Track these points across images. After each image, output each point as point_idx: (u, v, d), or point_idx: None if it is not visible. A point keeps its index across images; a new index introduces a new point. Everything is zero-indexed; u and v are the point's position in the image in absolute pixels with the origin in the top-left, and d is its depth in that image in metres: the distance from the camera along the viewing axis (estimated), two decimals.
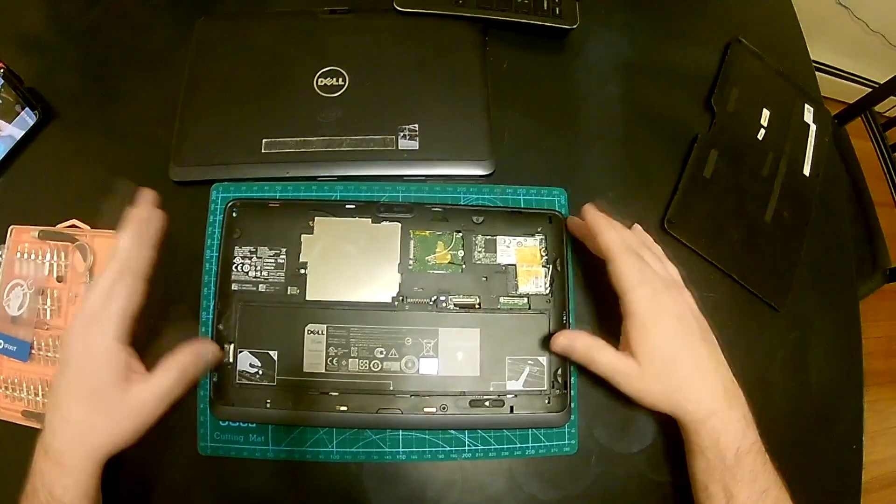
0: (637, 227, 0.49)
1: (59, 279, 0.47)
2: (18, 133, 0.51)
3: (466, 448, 0.44)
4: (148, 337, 0.42)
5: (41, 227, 0.47)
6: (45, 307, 0.46)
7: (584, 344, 0.42)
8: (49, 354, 0.45)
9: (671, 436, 0.46)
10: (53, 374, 0.38)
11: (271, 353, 0.44)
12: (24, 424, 0.44)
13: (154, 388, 0.37)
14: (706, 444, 0.39)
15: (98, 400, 0.35)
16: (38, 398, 0.45)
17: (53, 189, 0.51)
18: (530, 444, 0.44)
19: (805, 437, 0.49)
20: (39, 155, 0.52)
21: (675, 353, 0.40)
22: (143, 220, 0.39)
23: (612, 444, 0.46)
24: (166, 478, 0.44)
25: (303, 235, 0.46)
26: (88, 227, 0.47)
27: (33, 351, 0.45)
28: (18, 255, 0.47)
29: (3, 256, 0.47)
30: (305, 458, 0.44)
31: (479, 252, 0.46)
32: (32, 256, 0.47)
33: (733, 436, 0.39)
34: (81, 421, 0.35)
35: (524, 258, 0.47)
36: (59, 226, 0.47)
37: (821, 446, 0.50)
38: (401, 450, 0.44)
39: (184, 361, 0.39)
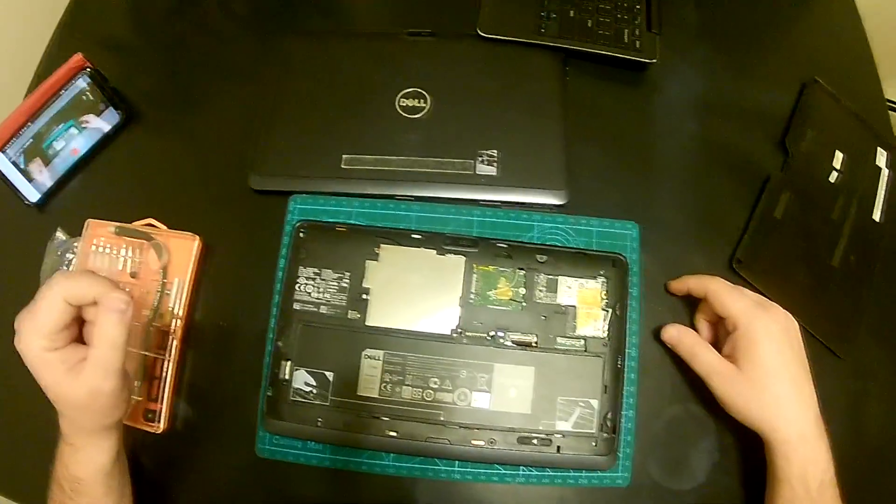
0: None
1: (133, 275, 0.48)
2: (106, 127, 0.52)
3: (521, 472, 0.44)
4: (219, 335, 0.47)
5: (119, 224, 0.48)
6: None
7: (690, 340, 0.45)
8: None
9: (723, 475, 0.46)
10: None
11: (327, 373, 0.44)
12: None
13: (93, 368, 0.35)
14: (795, 471, 0.39)
15: (59, 396, 0.36)
16: None
17: (131, 187, 0.52)
18: (583, 474, 0.45)
19: (856, 489, 0.49)
20: (120, 154, 0.53)
21: (777, 368, 0.40)
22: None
23: (664, 479, 0.46)
24: (223, 477, 0.46)
25: (367, 261, 0.46)
26: (165, 227, 0.48)
27: None
28: (94, 248, 0.48)
29: (79, 248, 0.48)
30: (361, 468, 0.45)
31: (541, 291, 0.46)
32: (107, 250, 0.48)
33: (821, 466, 0.39)
34: (63, 414, 0.37)
35: (585, 300, 0.46)
36: (136, 223, 0.48)
37: (872, 501, 0.49)
38: (456, 468, 0.44)
39: (102, 327, 0.36)
